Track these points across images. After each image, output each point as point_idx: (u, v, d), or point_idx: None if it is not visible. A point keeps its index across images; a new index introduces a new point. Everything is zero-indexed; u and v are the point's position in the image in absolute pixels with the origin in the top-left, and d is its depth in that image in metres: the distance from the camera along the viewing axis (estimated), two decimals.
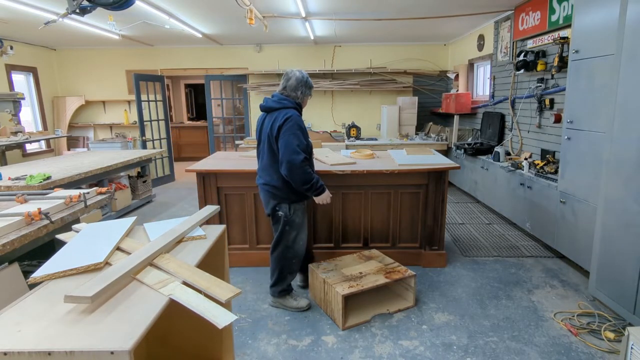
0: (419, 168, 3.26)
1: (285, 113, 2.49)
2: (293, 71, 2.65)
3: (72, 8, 2.99)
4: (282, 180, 2.55)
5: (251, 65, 7.45)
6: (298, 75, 2.61)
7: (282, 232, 2.68)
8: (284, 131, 2.44)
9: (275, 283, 2.79)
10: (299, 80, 2.60)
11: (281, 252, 2.72)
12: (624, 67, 2.47)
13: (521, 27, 4.66)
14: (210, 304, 1.12)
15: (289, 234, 2.68)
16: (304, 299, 2.84)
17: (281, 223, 2.66)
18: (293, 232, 2.68)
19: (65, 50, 7.42)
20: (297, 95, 2.61)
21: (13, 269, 1.77)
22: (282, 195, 2.61)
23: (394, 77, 7.27)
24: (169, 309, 1.12)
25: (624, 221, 2.49)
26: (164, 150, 6.80)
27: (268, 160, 2.60)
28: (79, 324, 1.01)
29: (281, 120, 2.47)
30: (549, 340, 2.42)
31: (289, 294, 2.83)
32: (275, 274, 2.77)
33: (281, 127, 2.45)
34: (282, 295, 2.81)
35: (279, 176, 2.55)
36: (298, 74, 2.62)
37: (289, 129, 2.44)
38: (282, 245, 2.71)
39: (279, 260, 2.74)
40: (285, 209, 2.64)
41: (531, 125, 4.48)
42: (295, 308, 2.78)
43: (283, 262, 2.73)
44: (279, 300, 2.82)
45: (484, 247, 3.91)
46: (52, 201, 2.22)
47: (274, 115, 2.53)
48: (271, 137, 2.52)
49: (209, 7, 4.58)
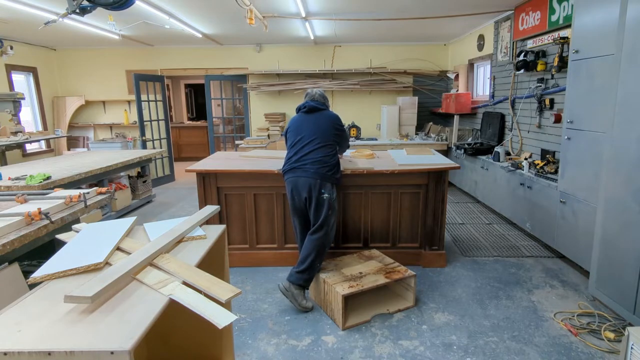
0: (419, 168, 3.26)
1: (334, 114, 2.98)
2: (313, 90, 3.07)
3: (72, 8, 2.99)
4: (336, 160, 2.86)
5: (251, 65, 7.45)
6: (319, 92, 3.05)
7: (327, 215, 2.75)
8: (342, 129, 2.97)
9: (304, 270, 2.72)
10: (321, 95, 3.04)
11: (322, 236, 2.75)
12: (624, 67, 2.47)
13: (521, 27, 4.66)
14: (210, 304, 1.12)
15: (331, 218, 2.79)
16: (311, 302, 2.84)
17: (326, 206, 2.74)
18: (333, 217, 2.82)
19: (65, 50, 7.42)
20: (325, 103, 3.04)
21: (13, 269, 1.77)
22: (329, 177, 2.77)
23: (394, 77, 7.27)
24: (169, 308, 1.12)
25: (624, 221, 2.49)
26: (164, 150, 6.79)
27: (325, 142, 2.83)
28: (79, 324, 1.01)
29: (334, 117, 2.95)
30: (549, 340, 2.42)
31: (303, 290, 2.79)
32: (308, 259, 2.72)
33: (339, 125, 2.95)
34: (303, 287, 2.77)
35: (332, 154, 2.84)
36: (318, 90, 3.07)
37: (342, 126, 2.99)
38: (324, 230, 2.75)
39: (316, 246, 2.73)
40: (329, 191, 2.75)
41: (531, 125, 4.48)
42: (302, 307, 2.76)
43: (320, 248, 2.74)
44: (294, 290, 2.75)
45: (484, 247, 3.91)
46: (52, 201, 2.22)
47: (323, 113, 2.94)
48: (329, 128, 2.86)
49: (209, 7, 4.58)
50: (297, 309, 2.78)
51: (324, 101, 3.03)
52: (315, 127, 2.85)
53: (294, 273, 2.77)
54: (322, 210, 2.75)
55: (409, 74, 7.29)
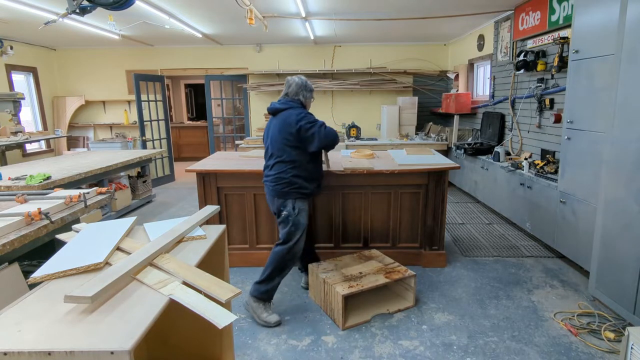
0: (419, 168, 3.26)
1: (298, 112, 2.63)
2: (293, 78, 2.77)
3: (72, 8, 2.99)
4: (291, 174, 2.64)
5: (251, 65, 7.45)
6: (297, 81, 2.74)
7: (289, 232, 2.67)
8: (304, 123, 2.58)
9: (262, 281, 2.66)
10: (299, 85, 2.72)
11: (283, 251, 2.67)
12: (624, 67, 2.47)
13: (521, 27, 4.66)
14: (210, 304, 1.12)
15: (295, 234, 2.68)
16: (275, 315, 2.64)
17: (286, 223, 2.67)
18: (298, 233, 2.68)
19: (65, 50, 7.42)
20: (300, 99, 2.74)
21: (13, 269, 1.77)
22: (287, 193, 2.66)
23: (394, 77, 7.27)
24: (169, 309, 1.12)
25: (624, 221, 2.49)
26: (164, 150, 6.80)
27: (279, 157, 2.66)
28: (79, 324, 1.01)
29: (291, 120, 2.59)
30: (549, 340, 2.42)
31: (265, 302, 2.67)
32: (267, 271, 2.66)
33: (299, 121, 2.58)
34: (260, 299, 2.66)
35: (287, 170, 2.64)
36: (297, 79, 2.74)
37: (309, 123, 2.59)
38: (287, 245, 2.68)
39: (276, 259, 2.67)
40: (289, 208, 2.66)
41: (531, 125, 4.48)
42: (263, 321, 2.60)
43: (280, 262, 2.66)
44: (254, 304, 2.67)
45: (484, 247, 3.91)
46: (52, 201, 2.22)
47: (284, 115, 2.65)
48: (282, 137, 2.62)
49: (209, 7, 4.58)
50: (258, 323, 2.62)
51: (295, 96, 2.72)
52: (272, 137, 2.67)
53: (253, 284, 2.70)
54: (284, 227, 2.68)
55: (409, 74, 7.28)
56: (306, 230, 2.77)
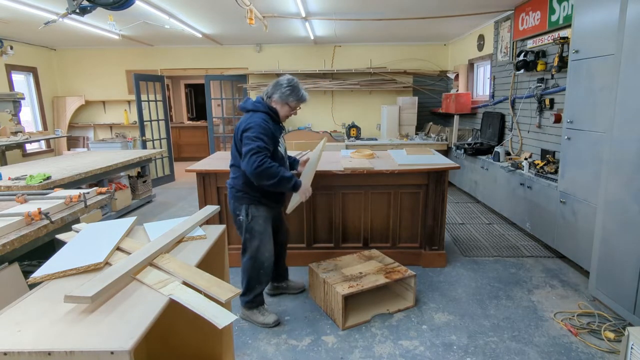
0: (419, 168, 3.26)
1: (252, 120, 2.39)
2: (282, 77, 2.53)
3: (72, 8, 2.99)
4: (242, 180, 2.51)
5: (251, 65, 7.45)
6: (280, 80, 2.49)
7: (245, 239, 2.56)
8: (246, 135, 2.35)
9: (244, 293, 2.62)
10: (276, 85, 2.48)
11: (246, 262, 2.58)
12: (624, 67, 2.47)
13: (521, 27, 4.66)
14: (210, 304, 1.12)
15: (251, 242, 2.55)
16: (273, 315, 2.63)
17: (242, 229, 2.56)
18: (255, 240, 2.54)
19: (65, 50, 7.42)
20: (272, 100, 2.49)
21: (13, 269, 1.77)
22: (239, 198, 2.55)
23: (394, 77, 7.27)
24: (169, 309, 1.12)
25: (624, 221, 2.49)
26: (164, 150, 6.80)
27: (232, 161, 2.57)
28: (79, 324, 1.01)
29: (245, 124, 2.39)
30: (549, 340, 2.42)
31: (257, 307, 2.65)
32: (243, 283, 2.62)
33: (245, 130, 2.37)
34: (250, 308, 2.64)
35: (239, 176, 2.51)
36: (283, 78, 2.50)
37: (251, 133, 2.34)
38: (247, 255, 2.57)
39: (245, 269, 2.60)
40: (243, 214, 2.54)
41: (531, 125, 4.48)
42: (262, 324, 2.60)
43: (250, 272, 2.58)
44: (247, 312, 2.65)
45: (484, 247, 3.91)
46: (52, 201, 2.22)
47: (243, 118, 2.47)
48: (236, 137, 2.46)
49: (209, 7, 4.58)
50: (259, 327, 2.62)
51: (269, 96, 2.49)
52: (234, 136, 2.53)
53: (239, 298, 2.66)
54: (240, 233, 2.60)
55: (409, 74, 7.28)
56: (271, 238, 2.62)
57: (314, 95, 7.48)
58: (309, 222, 3.42)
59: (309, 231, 3.44)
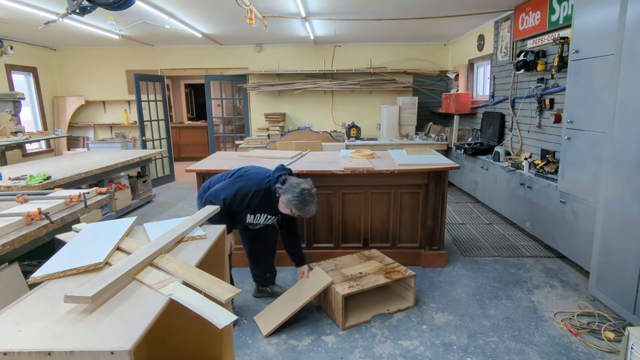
0: (419, 168, 3.26)
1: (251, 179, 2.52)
2: (306, 183, 2.42)
3: (72, 8, 2.99)
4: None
5: (251, 65, 7.45)
6: (301, 186, 2.38)
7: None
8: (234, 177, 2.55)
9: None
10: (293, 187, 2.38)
11: None
12: (624, 67, 2.47)
13: (521, 27, 4.66)
14: (210, 304, 1.12)
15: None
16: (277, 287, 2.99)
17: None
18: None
19: (65, 50, 7.42)
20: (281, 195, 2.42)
21: (13, 269, 1.77)
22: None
23: (394, 77, 7.27)
24: (169, 309, 1.12)
25: (624, 221, 2.49)
26: (164, 150, 6.80)
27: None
28: (79, 324, 1.01)
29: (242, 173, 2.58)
30: (549, 340, 2.42)
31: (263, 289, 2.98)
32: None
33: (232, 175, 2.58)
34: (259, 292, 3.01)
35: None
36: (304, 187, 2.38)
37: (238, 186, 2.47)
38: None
39: None
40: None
41: (531, 125, 4.48)
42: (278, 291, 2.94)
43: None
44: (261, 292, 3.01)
45: (484, 247, 3.91)
46: (52, 201, 2.22)
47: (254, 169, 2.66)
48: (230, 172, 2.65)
49: (209, 7, 4.58)
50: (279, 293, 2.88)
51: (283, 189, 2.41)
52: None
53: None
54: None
55: (409, 74, 7.28)
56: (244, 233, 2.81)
57: (314, 95, 7.49)
58: (309, 222, 3.42)
59: (309, 231, 3.44)
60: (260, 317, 2.68)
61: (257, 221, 2.62)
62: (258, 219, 2.60)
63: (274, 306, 2.72)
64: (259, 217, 2.59)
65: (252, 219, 2.59)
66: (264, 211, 2.56)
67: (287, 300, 2.69)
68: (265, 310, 2.72)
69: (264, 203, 2.50)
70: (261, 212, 2.56)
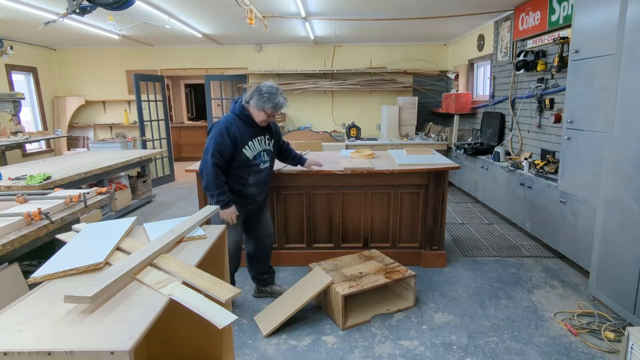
0: (419, 168, 3.26)
1: (219, 122, 2.55)
2: (266, 82, 2.57)
3: (72, 8, 2.99)
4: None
5: (251, 65, 7.45)
6: (260, 86, 2.51)
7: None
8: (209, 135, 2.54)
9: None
10: (255, 91, 2.50)
11: None
12: (624, 67, 2.47)
13: (521, 27, 4.66)
14: (210, 304, 1.12)
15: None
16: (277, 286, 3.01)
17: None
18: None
19: (65, 50, 7.42)
20: (250, 105, 2.52)
21: (13, 269, 1.77)
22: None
23: (394, 77, 7.27)
24: (169, 309, 1.12)
25: (624, 221, 2.49)
26: (164, 150, 6.80)
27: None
28: (79, 324, 1.01)
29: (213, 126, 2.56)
30: (549, 340, 2.42)
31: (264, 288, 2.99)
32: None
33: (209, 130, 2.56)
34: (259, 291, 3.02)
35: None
36: (264, 85, 2.51)
37: (212, 134, 2.51)
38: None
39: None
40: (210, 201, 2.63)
41: (531, 125, 4.48)
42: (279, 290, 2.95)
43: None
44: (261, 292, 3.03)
45: (484, 247, 3.91)
46: (52, 201, 2.22)
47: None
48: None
49: (209, 7, 4.58)
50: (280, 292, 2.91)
51: (247, 99, 2.53)
52: None
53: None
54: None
55: (409, 74, 7.28)
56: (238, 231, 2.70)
57: (314, 95, 7.48)
58: (309, 222, 3.42)
59: (309, 231, 3.44)
60: (260, 317, 2.68)
61: (257, 151, 2.61)
62: (256, 149, 2.60)
63: (274, 306, 2.72)
64: (253, 145, 2.58)
65: (251, 153, 2.58)
66: (252, 136, 2.57)
67: (287, 300, 2.69)
68: (265, 310, 2.72)
69: (244, 127, 2.54)
70: (251, 137, 2.56)
